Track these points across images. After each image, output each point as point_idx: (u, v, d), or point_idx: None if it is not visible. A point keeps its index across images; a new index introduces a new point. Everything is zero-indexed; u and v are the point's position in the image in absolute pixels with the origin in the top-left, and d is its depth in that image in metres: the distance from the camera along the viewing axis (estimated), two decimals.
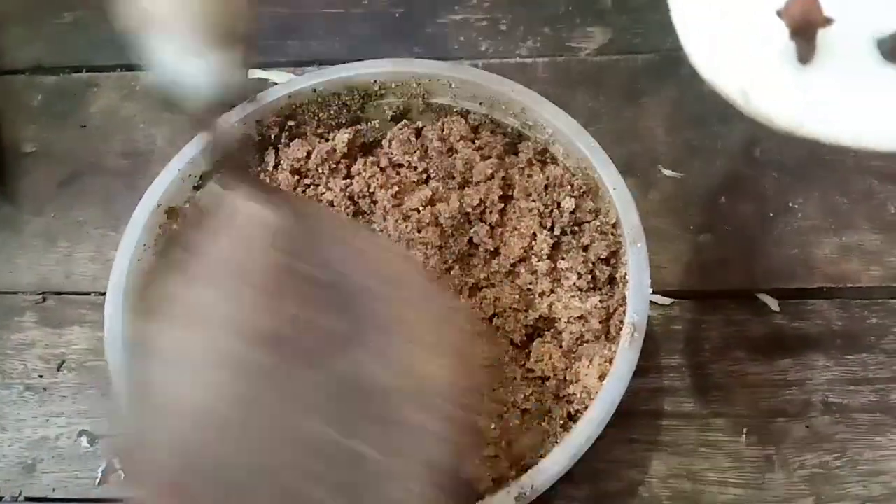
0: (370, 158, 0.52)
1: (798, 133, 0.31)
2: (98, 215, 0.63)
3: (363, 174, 0.51)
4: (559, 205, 0.49)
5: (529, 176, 0.49)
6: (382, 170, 0.51)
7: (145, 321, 0.35)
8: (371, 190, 0.51)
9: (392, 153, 0.52)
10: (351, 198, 0.52)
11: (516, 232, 0.48)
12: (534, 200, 0.48)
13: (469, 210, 0.49)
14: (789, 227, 0.59)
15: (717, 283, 0.57)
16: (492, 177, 0.49)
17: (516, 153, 0.51)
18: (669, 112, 0.63)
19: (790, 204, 0.60)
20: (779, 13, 0.30)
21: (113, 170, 0.64)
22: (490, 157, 0.50)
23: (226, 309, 0.33)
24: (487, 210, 0.49)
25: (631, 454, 0.52)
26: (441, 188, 0.51)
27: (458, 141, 0.51)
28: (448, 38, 0.68)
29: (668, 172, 0.60)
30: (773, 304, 0.56)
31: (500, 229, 0.49)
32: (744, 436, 0.52)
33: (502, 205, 0.49)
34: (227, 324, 0.33)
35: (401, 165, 0.52)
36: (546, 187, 0.49)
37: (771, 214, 0.59)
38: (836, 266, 0.57)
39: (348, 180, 0.52)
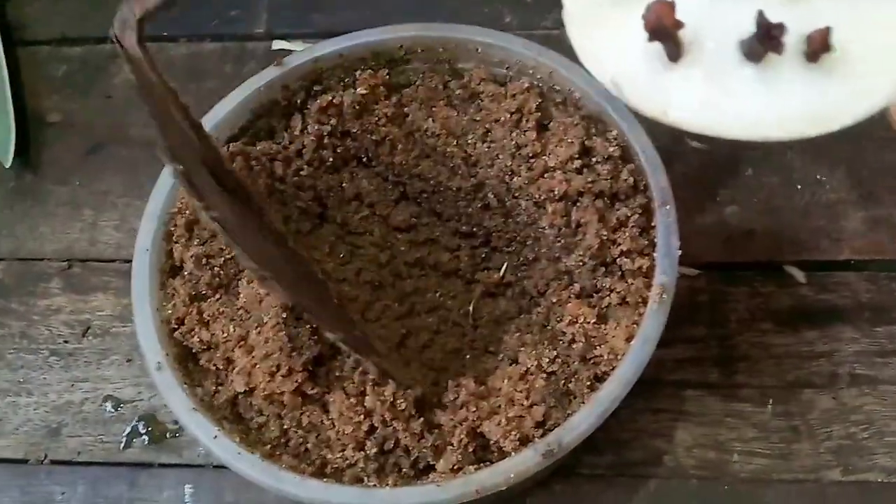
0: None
1: (663, 121, 0.35)
2: (122, 185, 0.63)
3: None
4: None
5: (564, 108, 0.49)
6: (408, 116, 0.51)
7: None
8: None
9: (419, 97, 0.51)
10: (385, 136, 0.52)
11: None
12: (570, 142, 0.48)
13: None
14: (816, 199, 0.58)
15: (743, 255, 0.57)
16: (526, 101, 0.49)
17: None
18: None
19: (817, 176, 0.59)
20: (643, 17, 0.33)
21: (137, 140, 0.64)
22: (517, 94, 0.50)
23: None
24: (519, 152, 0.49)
25: (656, 423, 0.52)
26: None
27: (479, 84, 0.51)
28: (472, 9, 0.67)
29: (694, 144, 0.60)
30: (800, 275, 0.56)
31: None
32: (770, 406, 0.52)
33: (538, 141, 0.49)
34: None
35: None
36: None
37: (798, 187, 0.59)
38: (864, 238, 0.57)
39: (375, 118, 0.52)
